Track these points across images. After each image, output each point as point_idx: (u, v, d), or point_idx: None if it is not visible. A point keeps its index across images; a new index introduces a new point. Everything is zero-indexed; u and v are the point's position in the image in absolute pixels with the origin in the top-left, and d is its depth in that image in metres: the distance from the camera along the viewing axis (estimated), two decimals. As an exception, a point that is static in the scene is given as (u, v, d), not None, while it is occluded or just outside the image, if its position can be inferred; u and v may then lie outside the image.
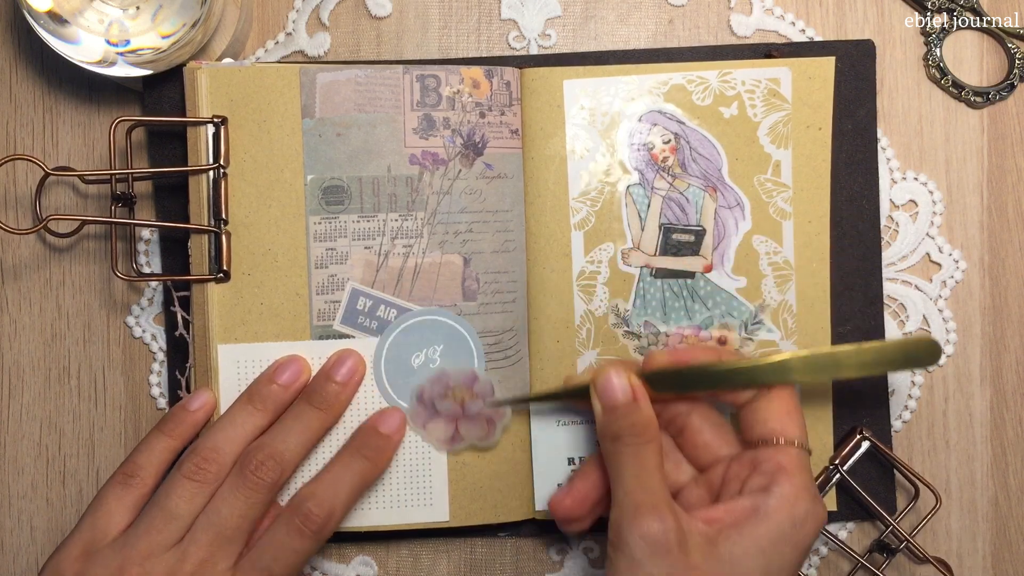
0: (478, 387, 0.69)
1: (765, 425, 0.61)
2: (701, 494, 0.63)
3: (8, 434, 0.73)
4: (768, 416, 0.62)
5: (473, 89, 0.69)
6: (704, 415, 0.64)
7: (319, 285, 0.68)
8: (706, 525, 0.58)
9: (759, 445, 0.61)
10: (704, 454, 0.64)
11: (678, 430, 0.65)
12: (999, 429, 0.74)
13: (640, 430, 0.60)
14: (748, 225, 0.71)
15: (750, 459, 0.61)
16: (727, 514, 0.58)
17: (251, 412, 0.65)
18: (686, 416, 0.64)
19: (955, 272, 0.74)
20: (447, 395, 0.68)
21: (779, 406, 0.62)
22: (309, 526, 0.62)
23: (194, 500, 0.62)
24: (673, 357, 0.64)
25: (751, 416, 0.63)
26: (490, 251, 0.69)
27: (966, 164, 0.74)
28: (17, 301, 0.73)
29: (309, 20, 0.74)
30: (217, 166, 0.67)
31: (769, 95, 0.70)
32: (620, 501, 0.58)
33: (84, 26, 0.66)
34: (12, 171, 0.73)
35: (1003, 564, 0.74)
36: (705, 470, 0.64)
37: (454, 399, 0.68)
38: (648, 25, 0.75)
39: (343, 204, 0.68)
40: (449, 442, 0.69)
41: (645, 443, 0.60)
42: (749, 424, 0.63)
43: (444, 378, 0.69)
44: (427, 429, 0.69)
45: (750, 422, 0.63)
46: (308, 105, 0.68)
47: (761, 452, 0.61)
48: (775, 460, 0.60)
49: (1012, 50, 0.74)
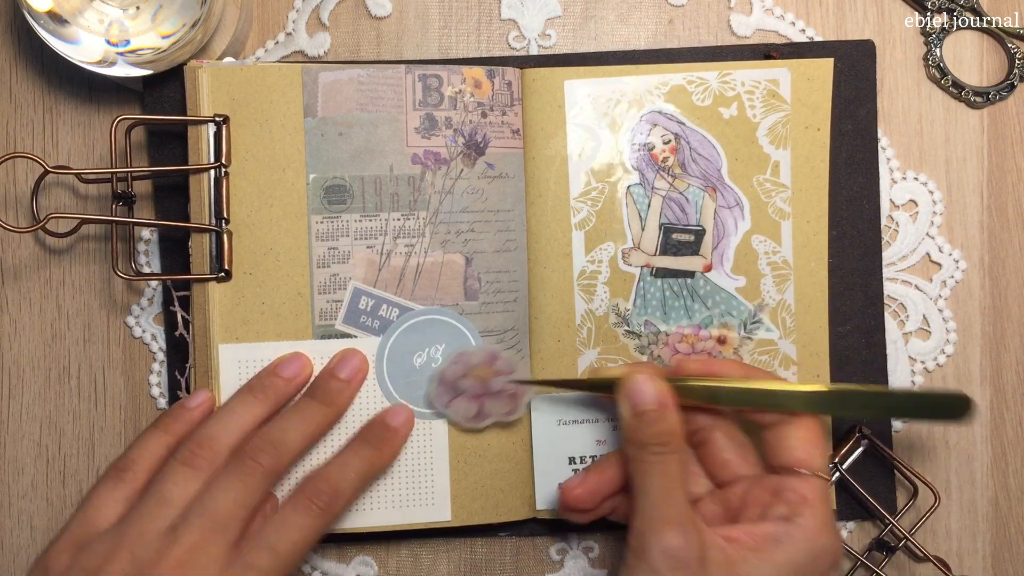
0: (499, 364, 0.69)
1: (790, 453, 0.61)
2: (716, 510, 0.63)
3: (8, 434, 0.73)
4: (794, 443, 0.61)
5: (475, 89, 0.69)
6: (727, 432, 0.64)
7: (321, 284, 0.68)
8: (726, 544, 0.58)
9: (782, 472, 0.61)
10: (723, 471, 0.64)
11: (699, 442, 0.65)
12: (999, 429, 0.74)
13: (667, 439, 0.60)
14: (747, 225, 0.71)
15: (773, 485, 0.61)
16: (748, 537, 0.58)
17: (251, 402, 0.64)
18: (709, 430, 0.64)
19: (955, 272, 0.74)
20: (467, 375, 0.68)
21: (806, 435, 0.62)
22: (316, 501, 0.61)
23: (188, 486, 0.60)
24: (705, 368, 0.64)
25: (776, 440, 0.62)
26: (492, 251, 0.69)
27: (966, 164, 0.74)
28: (17, 301, 0.73)
29: (309, 20, 0.74)
30: (219, 165, 0.67)
31: (768, 96, 0.70)
32: (644, 511, 0.58)
33: (84, 26, 0.66)
34: (12, 171, 0.73)
35: (1003, 564, 0.74)
36: (723, 486, 0.64)
37: (475, 378, 0.68)
38: (648, 25, 0.75)
39: (345, 203, 0.68)
40: (475, 419, 0.68)
41: (671, 453, 0.60)
42: (774, 448, 0.62)
43: (463, 358, 0.68)
44: (452, 408, 0.68)
45: (775, 446, 0.62)
46: (310, 104, 0.68)
47: (785, 480, 0.61)
48: (799, 491, 0.60)
49: (1012, 50, 0.74)
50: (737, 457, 0.64)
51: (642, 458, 0.60)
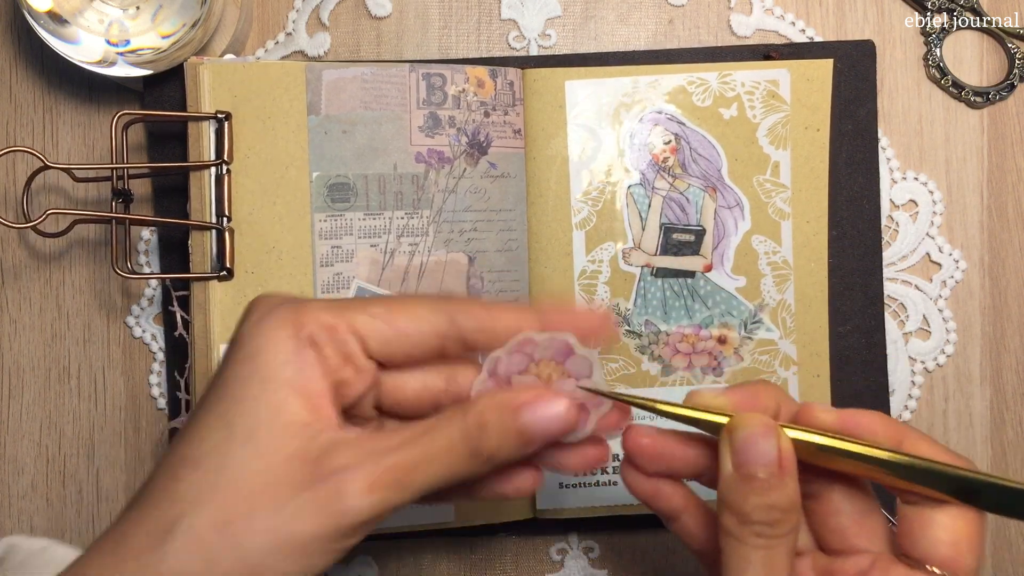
0: (572, 364, 0.51)
1: (935, 546, 0.48)
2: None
3: (8, 434, 0.73)
4: (944, 536, 0.48)
5: (478, 88, 0.69)
6: (850, 495, 0.51)
7: (324, 283, 0.68)
8: None
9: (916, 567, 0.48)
10: (836, 538, 0.51)
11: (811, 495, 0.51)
12: (999, 429, 0.74)
13: (778, 517, 0.46)
14: (747, 225, 0.71)
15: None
16: None
17: None
18: (826, 487, 0.51)
19: (955, 272, 0.74)
20: (529, 370, 0.51)
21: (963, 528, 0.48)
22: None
23: None
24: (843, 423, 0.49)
25: (921, 523, 0.48)
26: (494, 250, 0.69)
27: (966, 164, 0.74)
28: (17, 301, 0.73)
29: (309, 20, 0.74)
30: (220, 162, 0.66)
31: (768, 96, 0.71)
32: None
33: (84, 26, 0.65)
34: (12, 170, 0.73)
35: (1003, 564, 0.74)
36: (831, 553, 0.51)
37: (539, 375, 0.51)
38: (648, 25, 0.75)
39: (349, 201, 0.68)
40: None
41: (780, 536, 0.46)
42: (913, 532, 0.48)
43: (527, 348, 0.50)
44: None
45: (916, 531, 0.48)
46: (314, 102, 0.67)
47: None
48: None
49: (1012, 50, 0.74)
50: (856, 526, 0.50)
51: (742, 536, 0.47)
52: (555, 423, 0.47)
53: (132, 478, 0.73)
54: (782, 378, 0.71)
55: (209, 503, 0.44)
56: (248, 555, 0.43)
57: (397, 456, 0.45)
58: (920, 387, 0.74)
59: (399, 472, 0.45)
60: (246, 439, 0.45)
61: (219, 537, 0.43)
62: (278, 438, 0.45)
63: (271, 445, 0.45)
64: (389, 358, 0.48)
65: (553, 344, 0.50)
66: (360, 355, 0.47)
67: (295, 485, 0.44)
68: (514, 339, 0.50)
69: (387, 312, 0.48)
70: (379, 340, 0.47)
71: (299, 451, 0.45)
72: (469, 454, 0.46)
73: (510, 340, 0.50)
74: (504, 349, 0.50)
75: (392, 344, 0.48)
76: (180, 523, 0.43)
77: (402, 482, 0.45)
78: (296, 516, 0.44)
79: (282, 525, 0.44)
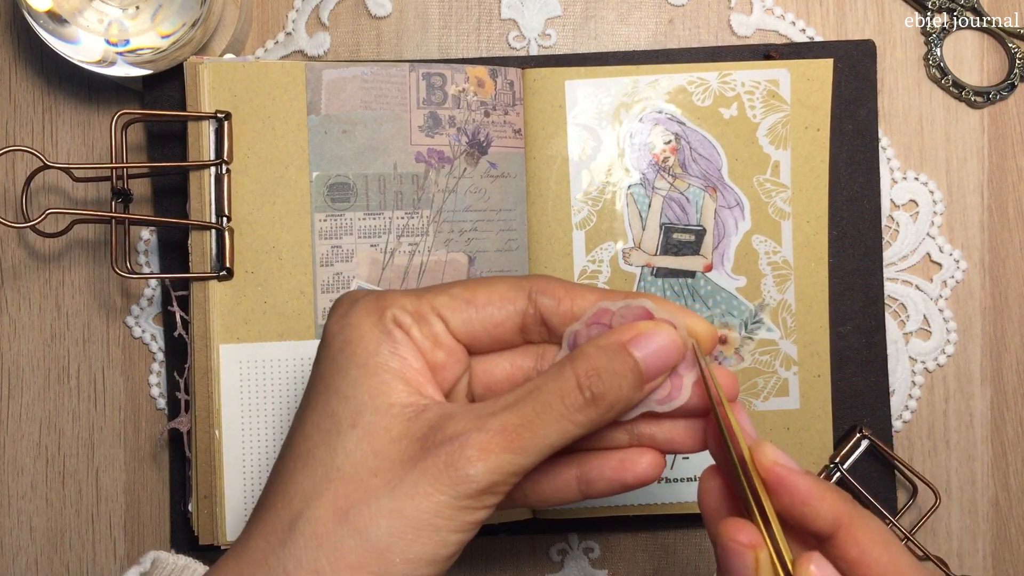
0: None
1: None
2: None
3: (8, 434, 0.73)
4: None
5: (478, 88, 0.69)
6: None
7: (324, 283, 0.68)
8: None
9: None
10: None
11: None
12: (999, 429, 0.74)
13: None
14: (748, 225, 0.71)
15: None
16: None
17: None
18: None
19: (955, 272, 0.74)
20: None
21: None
22: None
23: None
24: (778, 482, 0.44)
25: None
26: (494, 250, 0.69)
27: (966, 164, 0.74)
28: (17, 301, 0.73)
29: (309, 20, 0.74)
30: (220, 162, 0.66)
31: (768, 96, 0.71)
32: None
33: (84, 26, 0.65)
34: (11, 170, 0.73)
35: (1003, 564, 0.74)
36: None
37: None
38: (648, 25, 0.75)
39: (349, 201, 0.68)
40: None
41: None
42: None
43: (604, 317, 0.48)
44: None
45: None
46: (314, 102, 0.67)
47: None
48: None
49: (1012, 50, 0.74)
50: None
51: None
52: (668, 351, 0.46)
53: (132, 478, 0.73)
54: (783, 378, 0.71)
55: (324, 496, 0.44)
56: (373, 541, 0.43)
57: (507, 416, 0.44)
58: (920, 387, 0.74)
59: (511, 433, 0.44)
60: (351, 426, 0.45)
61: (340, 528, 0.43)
62: (383, 420, 0.45)
63: (377, 428, 0.45)
64: (473, 339, 0.49)
65: (631, 310, 0.48)
66: (447, 336, 0.48)
67: (406, 462, 0.44)
68: (590, 310, 0.49)
69: (468, 291, 0.48)
70: (462, 319, 0.48)
71: (406, 430, 0.45)
72: (583, 404, 0.45)
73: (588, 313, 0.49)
74: (581, 322, 0.49)
75: (474, 323, 0.48)
76: (299, 521, 0.44)
77: (515, 443, 0.44)
78: (413, 492, 0.43)
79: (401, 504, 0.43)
